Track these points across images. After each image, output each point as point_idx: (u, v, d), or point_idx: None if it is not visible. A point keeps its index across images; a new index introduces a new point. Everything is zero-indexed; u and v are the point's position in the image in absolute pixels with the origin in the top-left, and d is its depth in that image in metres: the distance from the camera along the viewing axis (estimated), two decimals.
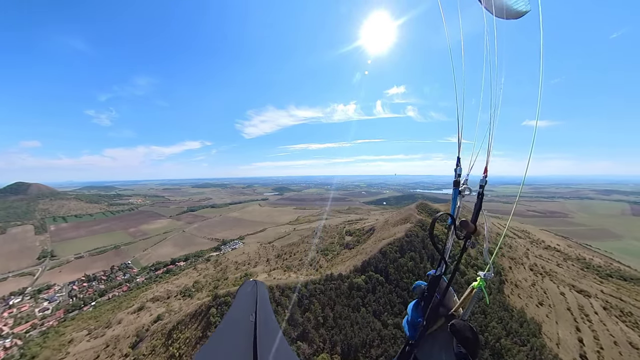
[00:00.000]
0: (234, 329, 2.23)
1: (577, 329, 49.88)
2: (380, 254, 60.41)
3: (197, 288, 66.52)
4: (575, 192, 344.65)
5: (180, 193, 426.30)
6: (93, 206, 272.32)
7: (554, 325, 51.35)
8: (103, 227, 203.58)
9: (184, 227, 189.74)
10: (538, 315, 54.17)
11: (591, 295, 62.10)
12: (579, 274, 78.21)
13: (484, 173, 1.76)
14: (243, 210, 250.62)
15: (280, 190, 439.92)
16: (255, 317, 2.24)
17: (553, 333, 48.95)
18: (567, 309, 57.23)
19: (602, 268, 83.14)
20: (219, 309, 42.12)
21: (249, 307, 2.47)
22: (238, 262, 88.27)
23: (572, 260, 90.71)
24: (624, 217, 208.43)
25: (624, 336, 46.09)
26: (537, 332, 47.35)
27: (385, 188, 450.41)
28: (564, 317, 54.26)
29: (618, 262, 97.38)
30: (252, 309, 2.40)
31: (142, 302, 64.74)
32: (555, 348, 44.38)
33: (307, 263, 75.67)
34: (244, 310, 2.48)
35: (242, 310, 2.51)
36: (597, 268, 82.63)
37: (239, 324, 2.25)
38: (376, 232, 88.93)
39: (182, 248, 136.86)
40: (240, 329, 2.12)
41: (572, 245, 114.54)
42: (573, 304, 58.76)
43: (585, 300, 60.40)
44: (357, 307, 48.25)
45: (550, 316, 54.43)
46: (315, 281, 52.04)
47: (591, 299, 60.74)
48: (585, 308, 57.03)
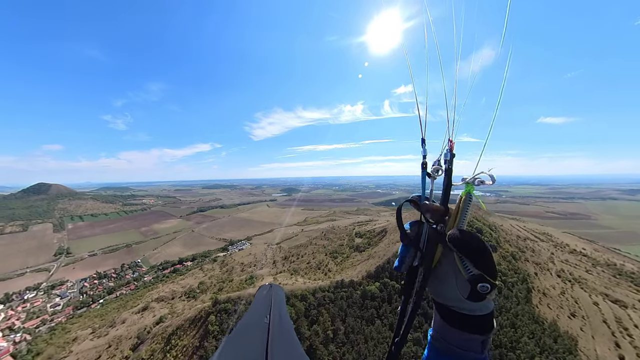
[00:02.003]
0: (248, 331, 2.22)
1: (616, 345, 44.65)
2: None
3: (201, 289, 64.92)
4: (596, 193, 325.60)
5: (191, 194, 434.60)
6: (108, 206, 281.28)
7: (591, 341, 46.44)
8: (117, 226, 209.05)
9: (193, 227, 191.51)
10: (571, 328, 49.33)
11: (628, 306, 56.51)
12: (611, 281, 71.90)
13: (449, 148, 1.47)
14: (251, 211, 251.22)
15: (289, 191, 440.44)
16: (269, 319, 2.25)
17: (590, 349, 44.03)
18: (603, 321, 51.96)
19: (636, 275, 76.12)
20: (218, 317, 39.43)
21: (264, 310, 2.48)
22: (244, 264, 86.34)
23: (602, 265, 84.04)
24: None
25: None
26: (572, 348, 42.57)
27: (394, 189, 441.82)
28: (600, 330, 49.12)
29: None
30: (267, 312, 2.41)
31: (147, 301, 63.75)
32: None
33: (315, 266, 72.59)
34: (259, 313, 2.49)
35: (258, 313, 2.52)
36: (630, 275, 75.80)
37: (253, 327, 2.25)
38: (389, 234, 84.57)
39: (191, 248, 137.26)
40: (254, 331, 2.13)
41: (599, 250, 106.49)
42: (609, 315, 53.34)
43: (622, 311, 54.90)
44: (372, 319, 43.26)
45: (585, 329, 49.47)
46: (324, 288, 47.92)
47: (628, 309, 55.22)
48: (624, 320, 51.50)
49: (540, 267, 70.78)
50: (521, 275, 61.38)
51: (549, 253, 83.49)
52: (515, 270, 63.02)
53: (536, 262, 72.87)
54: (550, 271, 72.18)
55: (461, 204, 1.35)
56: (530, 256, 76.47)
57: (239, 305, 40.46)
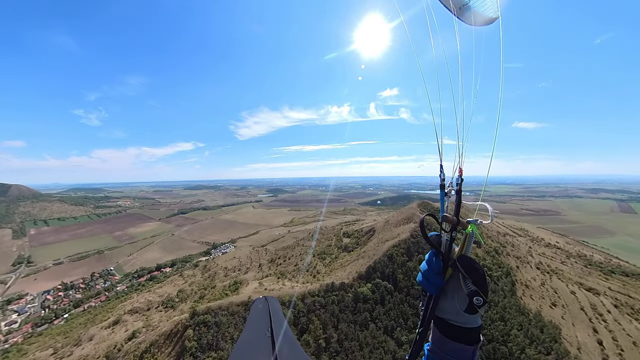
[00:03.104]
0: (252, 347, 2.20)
1: (594, 331, 47.63)
2: (386, 258, 54.21)
3: (181, 298, 60.21)
4: (564, 191, 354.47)
5: (172, 195, 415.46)
6: (78, 209, 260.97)
7: (572, 328, 48.90)
8: (87, 230, 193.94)
9: (173, 230, 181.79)
10: (554, 317, 51.73)
11: (600, 293, 60.53)
12: (583, 271, 77.45)
13: (459, 174, 2.07)
14: (236, 213, 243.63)
15: (275, 192, 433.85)
16: (271, 332, 2.26)
17: (572, 336, 46.35)
18: (581, 308, 55.15)
19: (603, 265, 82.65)
20: (196, 331, 35.66)
21: (264, 323, 2.48)
22: (228, 268, 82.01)
23: (574, 257, 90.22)
24: (614, 214, 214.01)
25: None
26: (557, 336, 44.31)
27: (380, 189, 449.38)
28: (579, 317, 52.11)
29: (616, 258, 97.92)
30: (267, 326, 2.41)
31: (119, 314, 58.11)
32: (577, 353, 41.55)
33: (303, 269, 70.13)
34: (259, 327, 2.47)
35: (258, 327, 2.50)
36: (599, 265, 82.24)
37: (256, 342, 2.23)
38: (377, 233, 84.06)
39: (170, 252, 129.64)
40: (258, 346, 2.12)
41: (570, 242, 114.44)
42: (585, 303, 56.83)
43: (596, 298, 58.66)
44: (365, 324, 41.25)
45: (565, 318, 52.06)
46: (314, 292, 45.42)
47: (601, 296, 59.04)
48: (598, 307, 55.10)
49: (521, 261, 73.95)
50: (505, 269, 63.31)
51: (527, 247, 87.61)
52: (499, 265, 64.89)
53: (517, 256, 76.04)
54: (530, 264, 75.92)
55: (466, 239, 1.81)
56: (510, 250, 79.58)
57: (220, 316, 36.99)
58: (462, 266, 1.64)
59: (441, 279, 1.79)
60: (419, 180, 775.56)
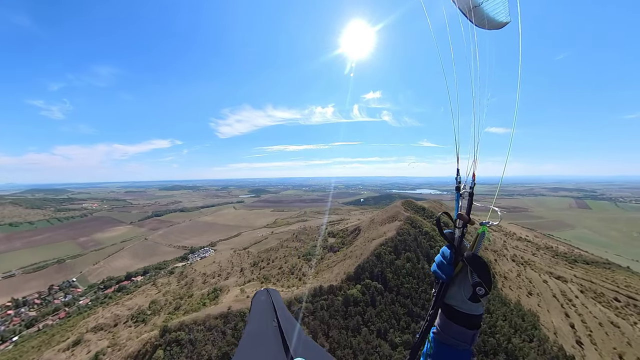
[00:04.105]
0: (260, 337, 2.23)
1: (566, 315, 51.79)
2: (374, 257, 53.21)
3: (153, 310, 54.82)
4: (529, 190, 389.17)
5: (146, 196, 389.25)
6: (35, 212, 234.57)
7: (547, 314, 52.51)
8: (46, 237, 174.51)
9: (146, 235, 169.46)
10: (531, 305, 55.07)
11: (568, 280, 65.95)
12: (552, 261, 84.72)
13: (472, 178, 2.33)
14: (216, 214, 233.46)
15: (257, 192, 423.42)
16: (277, 321, 2.31)
17: (548, 322, 49.65)
18: (553, 296, 59.61)
19: (568, 255, 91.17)
20: (167, 352, 31.27)
21: (269, 314, 2.52)
22: (206, 274, 76.97)
23: (543, 249, 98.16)
24: (572, 210, 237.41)
25: (605, 317, 49.88)
26: (536, 323, 47.02)
27: (363, 189, 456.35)
28: (552, 304, 56.24)
29: (577, 248, 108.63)
30: (272, 316, 2.46)
31: (80, 333, 51.65)
32: (554, 338, 44.37)
33: (287, 272, 67.48)
34: (264, 318, 2.51)
35: (263, 318, 2.53)
36: (564, 255, 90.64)
37: (264, 332, 2.27)
38: (363, 232, 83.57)
39: (143, 259, 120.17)
40: (267, 336, 2.17)
41: (538, 236, 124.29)
42: (556, 290, 61.52)
43: (565, 285, 63.80)
44: (357, 328, 39.37)
45: (541, 305, 55.77)
46: (301, 297, 42.81)
47: (568, 284, 64.44)
48: (567, 293, 59.96)
49: (498, 254, 78.20)
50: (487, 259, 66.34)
51: (502, 241, 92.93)
52: None
53: (494, 250, 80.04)
54: (506, 257, 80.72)
55: (477, 238, 2.02)
56: (488, 245, 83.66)
57: (195, 332, 33.04)
58: (471, 261, 1.88)
59: (452, 269, 2.04)
60: (399, 180, 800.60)
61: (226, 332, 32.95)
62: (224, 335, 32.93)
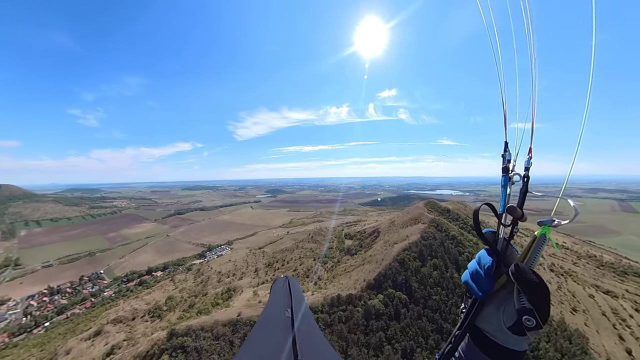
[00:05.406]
0: (271, 325, 2.27)
1: (620, 338, 44.21)
2: (397, 263, 48.15)
3: (169, 306, 55.15)
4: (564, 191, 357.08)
5: (169, 195, 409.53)
6: (72, 209, 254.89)
7: (597, 336, 45.21)
8: (80, 232, 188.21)
9: (168, 232, 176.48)
10: (576, 323, 47.97)
11: (619, 296, 57.40)
12: (597, 272, 74.60)
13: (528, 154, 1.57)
14: (234, 213, 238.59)
15: (274, 192, 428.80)
16: (291, 312, 2.32)
17: (599, 345, 42.68)
18: (603, 314, 51.69)
19: (615, 265, 79.77)
20: (173, 358, 29.95)
21: (283, 303, 2.54)
22: (221, 273, 76.96)
23: (585, 258, 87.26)
24: (615, 214, 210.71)
25: None
26: (585, 346, 40.44)
27: (379, 189, 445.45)
28: (602, 324, 48.64)
29: (626, 258, 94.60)
30: (287, 305, 2.46)
31: (101, 324, 53.09)
32: None
33: (302, 274, 65.09)
34: (278, 306, 2.53)
35: (278, 306, 2.55)
36: (611, 265, 79.36)
37: (276, 321, 2.29)
38: (382, 234, 78.98)
39: (164, 255, 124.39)
40: (278, 325, 2.17)
41: (577, 243, 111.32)
42: (605, 307, 53.53)
43: (615, 302, 55.46)
44: (380, 346, 34.70)
45: (589, 324, 48.33)
46: (317, 307, 38.97)
47: (619, 300, 56.05)
48: (619, 311, 51.77)
49: None
50: None
51: None
52: None
53: None
54: (543, 265, 72.47)
55: (534, 244, 1.35)
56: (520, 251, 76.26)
57: (201, 340, 31.43)
58: (520, 277, 1.27)
59: (491, 283, 1.44)
60: (417, 180, 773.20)
61: (234, 342, 30.60)
62: (232, 346, 30.94)
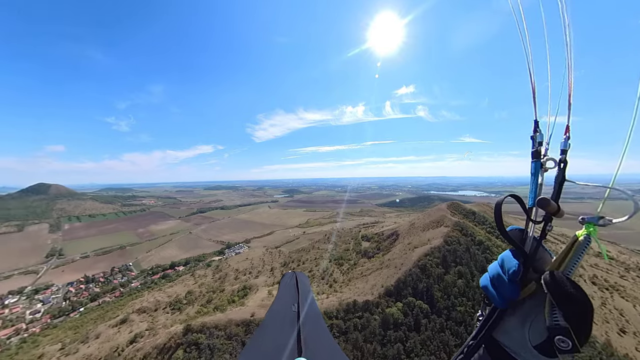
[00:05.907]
0: (277, 320, 2.31)
1: None
2: (418, 269, 45.15)
3: (189, 300, 57.24)
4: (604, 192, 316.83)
5: (192, 195, 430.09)
6: (107, 206, 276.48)
7: None
8: (113, 226, 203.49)
9: (191, 229, 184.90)
10: (624, 347, 41.31)
11: None
12: None
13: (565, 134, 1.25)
14: (252, 213, 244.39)
15: (291, 192, 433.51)
16: (297, 307, 2.34)
17: None
18: None
19: None
20: (186, 353, 30.41)
21: (290, 298, 2.56)
22: (239, 270, 78.49)
23: (635, 270, 75.89)
24: None
25: None
26: None
27: (397, 190, 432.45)
28: None
29: None
30: (294, 300, 2.48)
31: (127, 312, 56.37)
32: None
33: (318, 276, 64.18)
34: (286, 301, 2.55)
35: (285, 301, 2.57)
36: None
37: (282, 316, 2.32)
38: (401, 237, 75.76)
39: (186, 250, 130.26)
40: (284, 320, 2.20)
41: (624, 252, 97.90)
42: None
43: None
44: (398, 359, 32.12)
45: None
46: (332, 312, 37.45)
47: None
48: None
49: None
50: None
51: None
52: None
53: None
54: (583, 277, 64.32)
55: (574, 247, 1.08)
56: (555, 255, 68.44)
57: (215, 338, 31.65)
58: (556, 289, 0.97)
59: (516, 290, 1.15)
60: (438, 180, 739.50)
61: (246, 343, 30.28)
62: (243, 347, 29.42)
